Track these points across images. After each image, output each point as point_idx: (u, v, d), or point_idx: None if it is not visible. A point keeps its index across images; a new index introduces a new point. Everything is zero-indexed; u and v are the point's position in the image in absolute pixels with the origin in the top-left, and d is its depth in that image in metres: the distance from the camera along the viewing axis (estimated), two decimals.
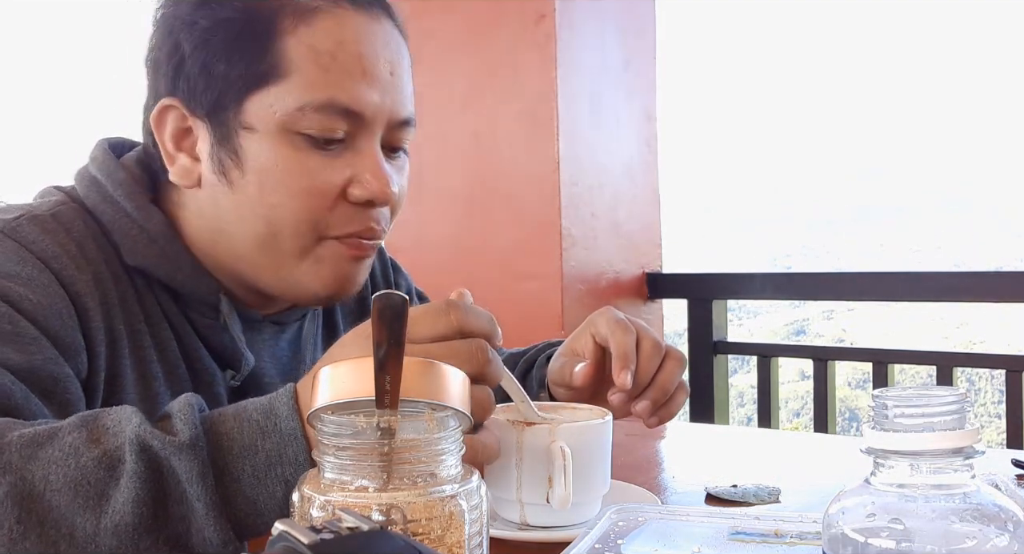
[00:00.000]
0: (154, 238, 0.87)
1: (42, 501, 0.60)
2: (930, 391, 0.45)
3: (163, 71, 0.86)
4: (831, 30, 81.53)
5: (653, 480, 0.98)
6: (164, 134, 0.87)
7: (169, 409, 0.67)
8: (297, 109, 0.82)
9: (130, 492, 0.61)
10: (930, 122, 43.98)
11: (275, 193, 0.84)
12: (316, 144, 0.83)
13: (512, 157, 2.62)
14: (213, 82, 0.83)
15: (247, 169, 0.84)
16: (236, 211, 0.85)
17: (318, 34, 0.83)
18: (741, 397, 11.27)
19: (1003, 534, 0.43)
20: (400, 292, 0.52)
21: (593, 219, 2.66)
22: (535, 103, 2.58)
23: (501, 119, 2.63)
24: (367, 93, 0.84)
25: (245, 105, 0.83)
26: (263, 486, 0.64)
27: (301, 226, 0.85)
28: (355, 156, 0.85)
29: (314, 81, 0.82)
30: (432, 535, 0.48)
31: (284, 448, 0.64)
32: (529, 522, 0.78)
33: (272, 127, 0.83)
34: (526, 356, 1.14)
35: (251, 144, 0.83)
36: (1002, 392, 2.45)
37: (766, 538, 0.65)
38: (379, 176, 0.85)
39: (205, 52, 0.83)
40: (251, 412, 0.66)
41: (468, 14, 2.65)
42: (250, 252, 0.87)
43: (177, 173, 0.87)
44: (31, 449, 0.62)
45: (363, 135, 0.85)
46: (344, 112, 0.83)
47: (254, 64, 0.82)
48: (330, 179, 0.84)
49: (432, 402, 0.53)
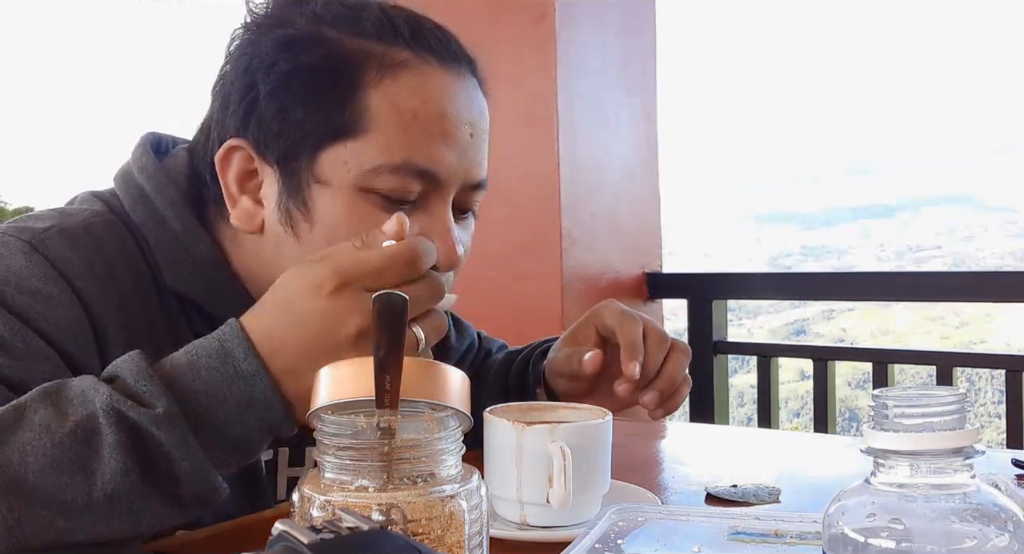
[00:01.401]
0: (200, 264, 0.85)
1: (26, 484, 0.61)
2: (930, 391, 0.45)
3: (233, 109, 0.83)
4: (832, 29, 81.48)
5: (653, 480, 0.98)
6: (228, 174, 0.83)
7: (118, 371, 0.67)
8: (372, 168, 0.79)
9: (117, 463, 0.62)
10: (930, 122, 43.97)
11: None
12: (388, 203, 0.80)
13: (512, 157, 2.62)
14: (287, 129, 0.80)
15: (315, 222, 0.81)
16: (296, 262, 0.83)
17: (402, 91, 0.80)
18: (741, 397, 11.28)
19: (1003, 534, 0.43)
20: (400, 293, 0.52)
21: (593, 219, 2.66)
22: (535, 103, 2.58)
23: (501, 119, 2.62)
24: (445, 155, 0.81)
25: (319, 157, 0.80)
26: (240, 426, 0.66)
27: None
28: (426, 218, 0.82)
29: (393, 140, 0.80)
30: (432, 535, 0.49)
31: (251, 389, 0.66)
32: (529, 522, 0.78)
33: (346, 183, 0.80)
34: (522, 354, 1.14)
35: (323, 198, 0.81)
36: (1002, 392, 2.45)
37: (766, 538, 0.65)
38: (447, 242, 0.83)
39: (283, 97, 0.80)
40: (205, 359, 0.67)
41: (468, 14, 2.65)
42: None
43: (239, 217, 0.84)
44: (1, 434, 0.62)
45: (436, 196, 0.83)
46: (420, 173, 0.80)
47: (334, 115, 0.80)
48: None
49: (432, 402, 0.53)
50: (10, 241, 0.78)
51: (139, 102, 44.49)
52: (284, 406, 0.67)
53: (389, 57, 0.81)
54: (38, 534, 0.61)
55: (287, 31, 0.81)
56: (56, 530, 0.61)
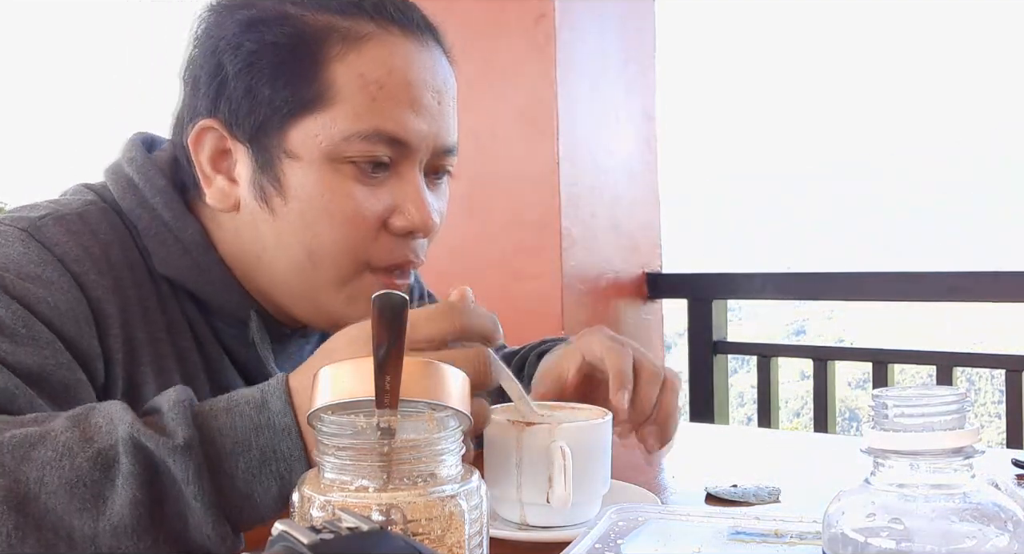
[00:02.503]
0: (188, 249, 0.86)
1: (38, 503, 0.60)
2: (930, 391, 0.45)
3: (203, 91, 0.84)
4: (832, 30, 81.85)
5: (653, 480, 0.98)
6: (201, 155, 0.85)
7: (157, 404, 0.66)
8: (343, 138, 0.81)
9: (127, 493, 0.61)
10: (930, 122, 44.00)
11: (318, 221, 0.83)
12: (361, 172, 0.82)
13: (512, 157, 2.62)
14: (257, 106, 0.82)
15: (289, 197, 0.83)
16: (276, 238, 0.84)
17: (367, 62, 0.82)
18: (741, 397, 11.27)
19: (1003, 534, 0.43)
20: (400, 292, 0.51)
21: (593, 219, 2.66)
22: (535, 103, 2.58)
23: (501, 119, 2.63)
24: (413, 121, 0.83)
25: (289, 132, 0.82)
26: (257, 482, 0.64)
27: (342, 255, 0.84)
28: (398, 184, 0.84)
29: (361, 110, 0.81)
30: (432, 535, 0.49)
31: (277, 444, 0.64)
32: (529, 522, 0.78)
33: (317, 155, 0.82)
34: (519, 354, 1.13)
35: (295, 172, 0.82)
36: (1002, 392, 2.45)
37: (766, 538, 0.65)
38: (420, 206, 0.85)
39: (250, 75, 0.82)
40: (243, 407, 0.66)
41: (468, 14, 2.65)
42: (287, 279, 0.86)
43: (214, 196, 0.86)
44: (23, 449, 0.62)
45: (407, 163, 0.85)
46: (390, 140, 0.82)
47: (301, 90, 0.81)
48: (373, 208, 0.83)
49: (432, 402, 0.53)
50: (7, 230, 0.80)
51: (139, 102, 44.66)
52: (308, 466, 0.65)
53: (353, 30, 0.82)
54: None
55: (251, 11, 0.83)
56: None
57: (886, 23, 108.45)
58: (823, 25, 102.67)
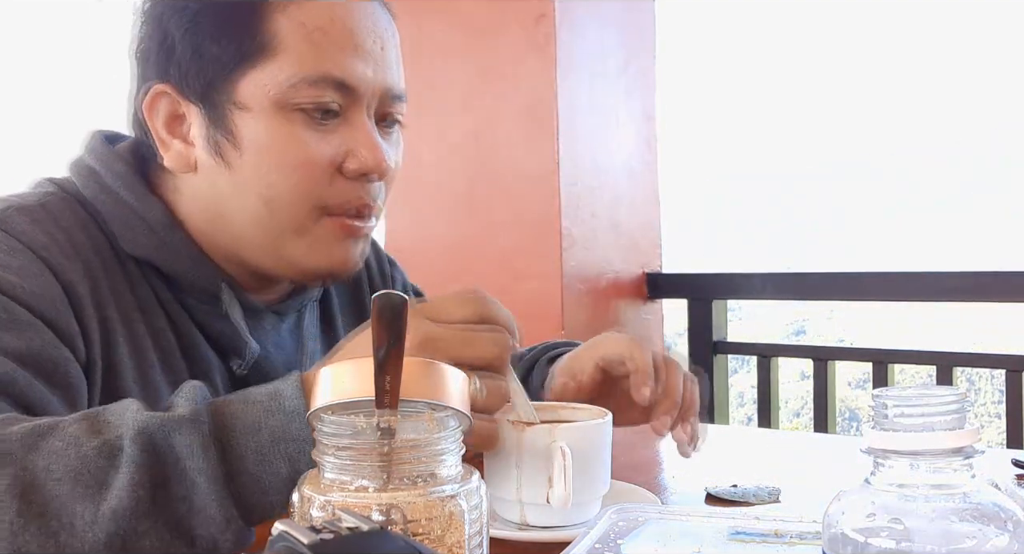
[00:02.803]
0: (153, 227, 0.87)
1: (43, 491, 0.60)
2: (930, 391, 0.45)
3: (153, 59, 0.87)
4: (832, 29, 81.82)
5: (653, 480, 0.98)
6: (157, 121, 0.87)
7: (172, 398, 0.68)
8: (290, 85, 0.83)
9: (126, 476, 0.61)
10: (931, 122, 44.00)
11: (272, 170, 0.85)
12: (310, 119, 0.85)
13: (512, 157, 2.62)
14: (205, 64, 0.84)
15: (243, 148, 0.85)
16: (234, 191, 0.86)
17: (308, 11, 0.84)
18: (741, 397, 11.26)
19: (1003, 534, 0.43)
20: (400, 292, 0.52)
21: (593, 219, 2.66)
22: (535, 103, 2.58)
23: (501, 119, 2.63)
24: (359, 67, 0.85)
25: (238, 85, 0.84)
26: (267, 463, 0.64)
27: (298, 202, 0.86)
28: (349, 130, 0.86)
29: (306, 56, 0.83)
30: (432, 535, 0.48)
31: (288, 425, 0.65)
32: (529, 522, 0.78)
33: (266, 104, 0.84)
34: (527, 357, 1.14)
35: (246, 123, 0.85)
36: (1002, 392, 2.45)
37: (766, 538, 0.65)
38: (373, 148, 0.87)
39: (195, 35, 0.84)
40: (256, 394, 0.67)
41: (468, 14, 2.65)
42: (249, 232, 0.88)
43: (172, 159, 0.88)
44: (32, 439, 0.62)
45: (355, 109, 0.87)
46: (337, 85, 0.84)
47: (245, 43, 0.84)
48: (325, 153, 0.85)
49: (432, 402, 0.53)
50: None
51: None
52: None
53: None
54: (39, 544, 0.60)
55: None
56: (57, 544, 0.60)
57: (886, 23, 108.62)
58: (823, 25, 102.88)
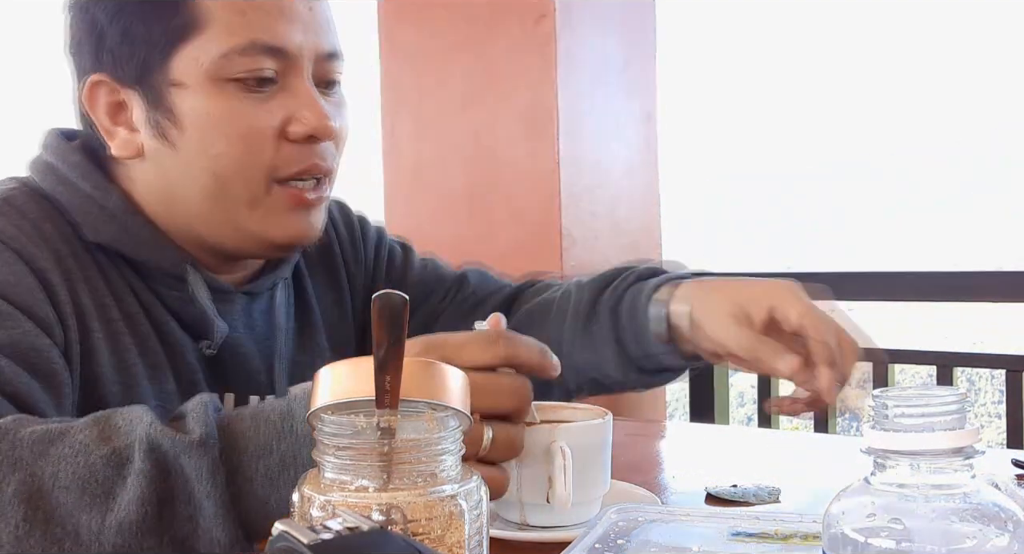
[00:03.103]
0: (113, 214, 0.87)
1: (50, 498, 0.60)
2: (930, 391, 0.45)
3: (86, 50, 0.87)
4: (832, 29, 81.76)
5: (653, 480, 0.98)
6: (99, 112, 0.87)
7: (184, 408, 0.67)
8: (222, 56, 0.83)
9: (135, 491, 0.61)
10: (931, 122, 44.00)
11: (216, 143, 0.84)
12: (247, 88, 0.84)
13: (512, 157, 2.62)
14: (136, 48, 0.84)
15: (185, 126, 0.85)
16: (182, 170, 0.86)
17: None
18: (741, 397, 11.25)
19: (1003, 534, 0.43)
20: (400, 293, 0.51)
21: (593, 219, 2.66)
22: (535, 103, 2.58)
23: (501, 119, 2.63)
24: (288, 30, 0.85)
25: (171, 63, 0.84)
26: (275, 487, 0.64)
27: (247, 172, 0.85)
28: (288, 95, 0.86)
29: (233, 26, 0.83)
30: (432, 535, 0.48)
31: (299, 450, 0.64)
32: (529, 522, 0.78)
33: (201, 79, 0.83)
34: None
35: (184, 100, 0.84)
36: (1002, 392, 2.45)
37: (766, 538, 0.65)
38: (315, 110, 0.86)
39: (122, 19, 0.84)
40: (268, 413, 0.66)
41: (468, 14, 2.65)
42: (203, 209, 0.87)
43: (119, 148, 0.88)
44: (42, 446, 0.62)
45: (292, 73, 0.86)
46: (269, 51, 0.84)
47: (172, 20, 0.83)
48: (267, 120, 0.85)
49: (432, 402, 0.53)
50: None
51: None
52: None
53: None
54: (43, 550, 0.60)
55: None
56: (61, 551, 0.60)
57: (887, 23, 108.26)
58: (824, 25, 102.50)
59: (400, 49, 2.75)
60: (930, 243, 32.91)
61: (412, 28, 2.70)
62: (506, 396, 0.66)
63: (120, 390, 0.85)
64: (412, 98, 2.72)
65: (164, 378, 0.88)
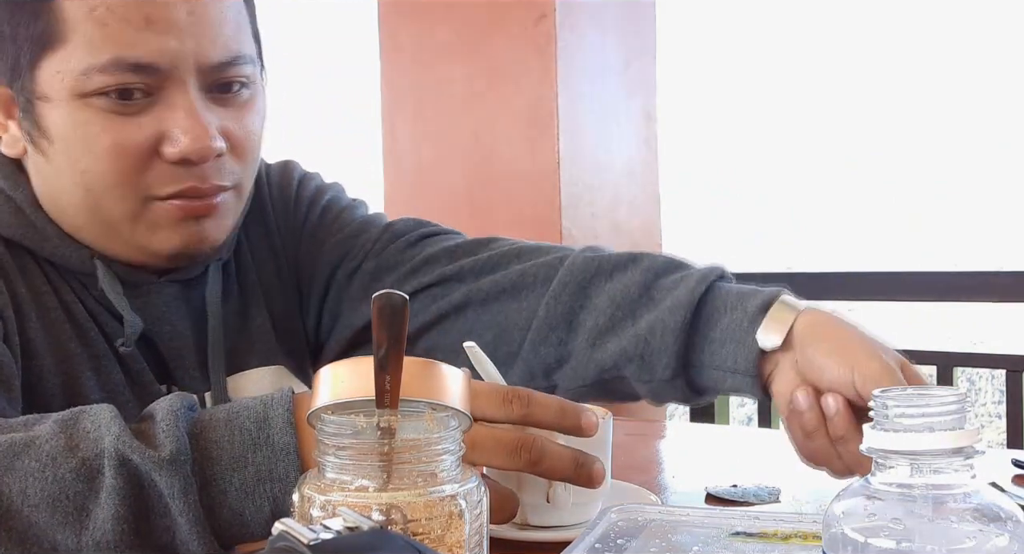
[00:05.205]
0: (21, 207, 0.84)
1: (20, 517, 0.59)
2: (930, 391, 0.45)
3: None
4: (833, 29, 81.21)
5: (653, 480, 0.98)
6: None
7: (153, 410, 0.65)
8: (82, 73, 0.76)
9: (110, 509, 0.59)
10: (931, 122, 44.02)
11: (82, 159, 0.79)
12: (113, 104, 0.77)
13: (512, 157, 2.62)
14: (5, 53, 0.80)
15: (52, 138, 0.80)
16: (57, 181, 0.83)
17: None
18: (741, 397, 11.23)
19: (1003, 534, 0.43)
20: (400, 293, 0.51)
21: (593, 219, 2.66)
22: (535, 103, 2.58)
23: (501, 119, 2.63)
24: (158, 42, 0.77)
25: (36, 73, 0.79)
26: (250, 500, 0.63)
27: (117, 189, 0.80)
28: (164, 110, 0.79)
29: (95, 40, 0.76)
30: (432, 535, 0.48)
31: (275, 464, 0.62)
32: (529, 522, 0.78)
33: (64, 94, 0.78)
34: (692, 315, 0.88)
35: (49, 113, 0.79)
36: (1002, 392, 2.44)
37: (766, 538, 0.65)
38: (191, 129, 0.78)
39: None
40: (243, 420, 0.64)
41: (468, 14, 2.65)
42: (85, 220, 0.84)
43: (7, 145, 0.85)
44: (8, 459, 0.60)
45: (171, 86, 0.79)
46: (134, 68, 0.77)
47: (33, 28, 0.78)
48: (133, 138, 0.78)
49: (432, 402, 0.53)
50: None
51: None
52: None
53: None
54: None
55: None
56: None
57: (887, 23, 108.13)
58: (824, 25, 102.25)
59: (400, 49, 2.75)
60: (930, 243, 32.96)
61: (412, 28, 2.70)
62: (507, 452, 0.64)
63: (63, 381, 0.82)
64: (412, 98, 2.72)
65: (109, 368, 0.85)
